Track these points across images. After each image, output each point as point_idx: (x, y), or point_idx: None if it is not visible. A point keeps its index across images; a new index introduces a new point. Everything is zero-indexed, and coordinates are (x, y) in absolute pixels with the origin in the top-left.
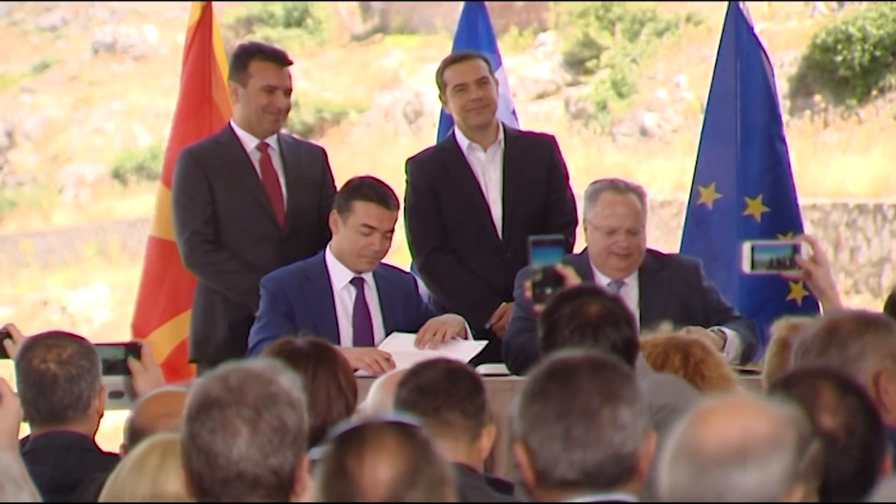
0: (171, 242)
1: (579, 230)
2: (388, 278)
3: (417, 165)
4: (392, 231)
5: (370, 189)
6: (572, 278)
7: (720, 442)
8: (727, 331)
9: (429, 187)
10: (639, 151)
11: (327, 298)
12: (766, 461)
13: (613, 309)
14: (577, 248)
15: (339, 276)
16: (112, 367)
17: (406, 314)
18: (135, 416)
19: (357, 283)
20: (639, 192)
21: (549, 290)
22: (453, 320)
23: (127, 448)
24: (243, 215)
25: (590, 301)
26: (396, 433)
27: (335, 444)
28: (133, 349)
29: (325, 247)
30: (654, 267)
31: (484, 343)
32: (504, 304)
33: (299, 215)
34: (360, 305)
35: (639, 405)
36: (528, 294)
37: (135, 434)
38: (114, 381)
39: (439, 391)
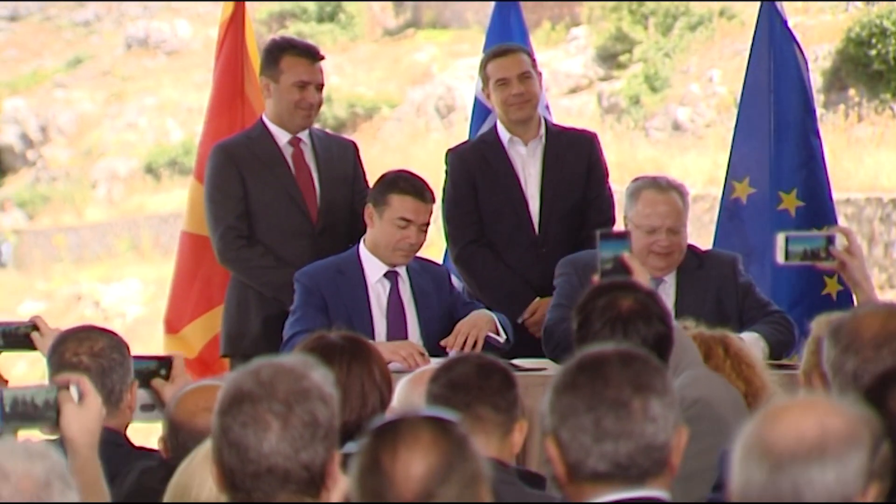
0: (203, 237)
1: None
2: (421, 271)
3: (457, 157)
4: (427, 224)
5: (406, 182)
6: (639, 271)
7: (796, 438)
8: (745, 336)
9: (468, 179)
10: (671, 146)
11: (361, 292)
12: (844, 458)
13: (647, 304)
14: None
15: (373, 269)
16: (144, 381)
17: (440, 306)
18: (173, 410)
19: (391, 276)
20: (681, 191)
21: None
22: (482, 319)
23: (166, 442)
24: (276, 210)
25: (623, 295)
26: (431, 428)
27: (370, 438)
28: (165, 362)
29: (359, 241)
30: (692, 265)
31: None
32: (538, 299)
33: (332, 210)
34: (395, 299)
35: (669, 398)
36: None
37: (174, 428)
38: (143, 395)
39: (471, 386)
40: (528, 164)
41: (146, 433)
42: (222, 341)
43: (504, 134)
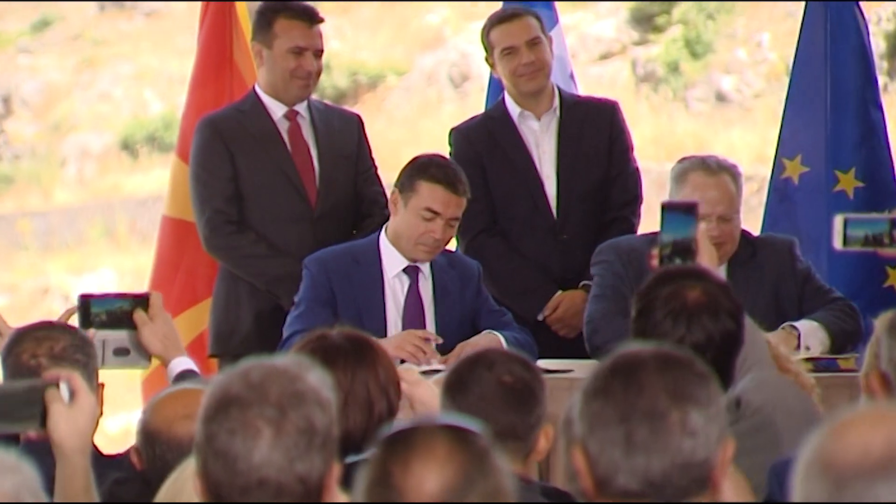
0: (187, 223)
1: (646, 209)
2: (448, 267)
3: (462, 135)
4: (457, 220)
5: (439, 169)
6: (706, 251)
7: (862, 453)
8: (801, 325)
9: (475, 160)
10: (715, 119)
11: (377, 286)
12: None
13: (717, 297)
14: (644, 230)
15: (392, 262)
16: (117, 321)
17: (461, 308)
18: (149, 417)
19: (411, 272)
20: (733, 173)
21: (678, 261)
22: (488, 339)
23: (140, 452)
24: (270, 192)
25: (691, 285)
26: (449, 439)
27: (381, 447)
28: (142, 301)
29: (380, 229)
30: (745, 254)
31: None
32: (560, 292)
33: (333, 192)
34: (413, 297)
35: (713, 409)
36: (655, 263)
37: (149, 437)
38: (118, 337)
39: (489, 417)
40: (541, 141)
41: (122, 443)
42: (210, 340)
43: (513, 108)
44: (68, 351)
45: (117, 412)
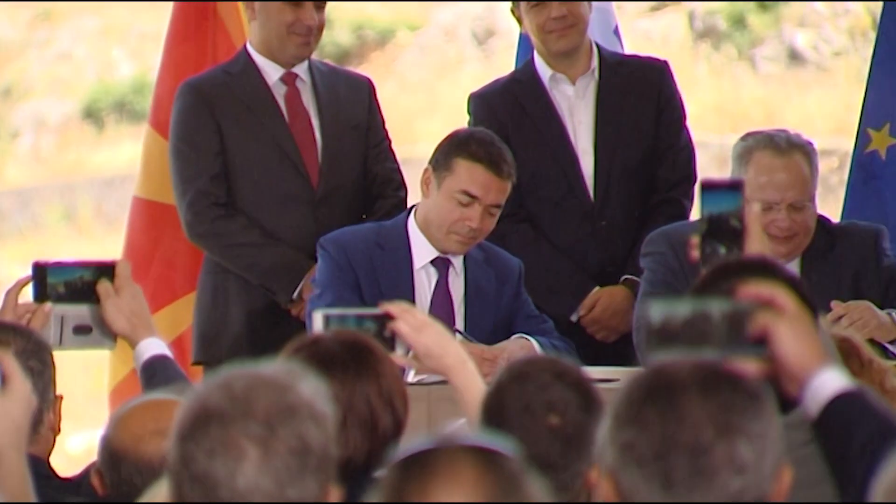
0: (162, 206)
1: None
2: (485, 263)
3: (483, 102)
4: (498, 208)
5: (481, 147)
6: (757, 237)
7: None
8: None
9: (497, 132)
10: (787, 83)
11: (405, 278)
12: None
13: (784, 291)
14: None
15: (421, 251)
16: (78, 293)
17: (496, 311)
18: (113, 432)
19: (440, 265)
20: (806, 151)
21: (721, 249)
22: (518, 344)
23: (102, 474)
24: (264, 170)
25: (756, 281)
26: (475, 462)
27: (395, 471)
28: (107, 270)
29: (409, 209)
30: (821, 245)
31: None
32: (597, 288)
33: (338, 169)
34: (441, 295)
35: (768, 437)
36: (696, 253)
37: (113, 457)
38: (79, 312)
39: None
40: (577, 109)
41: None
42: (194, 345)
43: (544, 70)
44: (21, 357)
45: (80, 429)
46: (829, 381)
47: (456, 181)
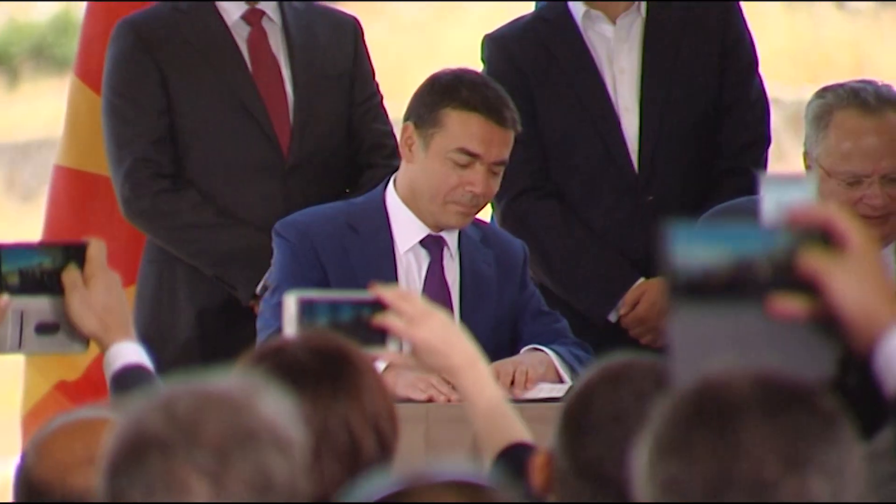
0: (92, 177)
1: (775, 155)
2: (482, 244)
3: (500, 47)
4: (503, 165)
5: (473, 91)
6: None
7: None
8: None
9: (518, 84)
10: (882, 22)
11: (386, 265)
12: None
13: None
14: None
15: (406, 230)
16: (38, 284)
17: (499, 304)
18: (33, 462)
19: (432, 245)
20: None
21: None
22: (535, 359)
23: None
24: (221, 132)
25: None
26: (460, 497)
27: None
28: (75, 253)
29: (386, 180)
30: None
31: (565, 387)
32: (642, 280)
33: (315, 132)
34: (435, 284)
35: (847, 472)
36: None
37: (34, 492)
38: (41, 306)
39: None
40: (618, 55)
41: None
42: None
43: (577, 6)
44: None
45: None
46: None
47: (449, 138)
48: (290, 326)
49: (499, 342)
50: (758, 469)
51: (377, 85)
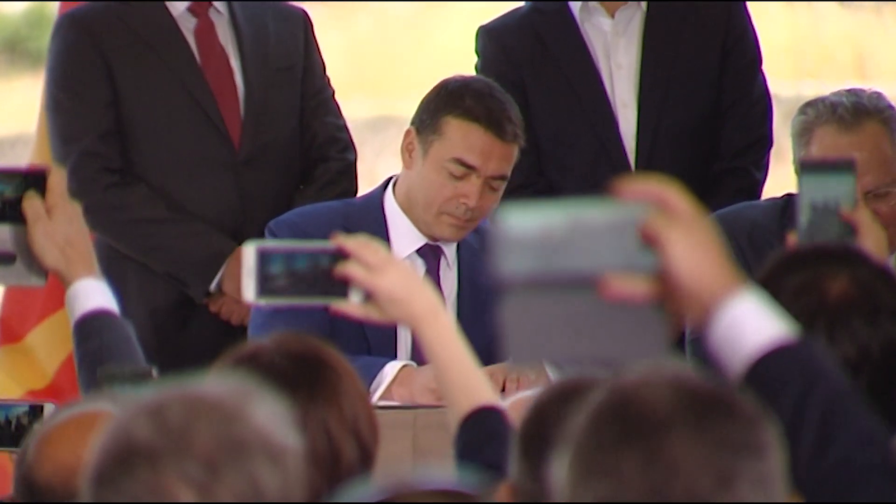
0: None
1: (776, 156)
2: (480, 252)
3: (493, 39)
4: (502, 180)
5: (478, 101)
6: (870, 229)
7: None
8: None
9: (512, 78)
10: (883, 16)
11: None
12: None
13: (872, 289)
14: (777, 190)
15: (403, 237)
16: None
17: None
18: (34, 462)
19: (430, 254)
20: (884, 118)
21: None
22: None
23: None
24: (170, 125)
25: (833, 273)
26: None
27: None
28: (35, 181)
29: (387, 183)
30: None
31: None
32: None
33: (266, 124)
34: None
35: (776, 474)
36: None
37: (36, 493)
38: None
39: None
40: (616, 49)
41: None
42: None
43: None
44: None
45: None
46: (752, 322)
47: (447, 147)
48: (248, 277)
49: (496, 351)
50: (691, 487)
51: (328, 79)
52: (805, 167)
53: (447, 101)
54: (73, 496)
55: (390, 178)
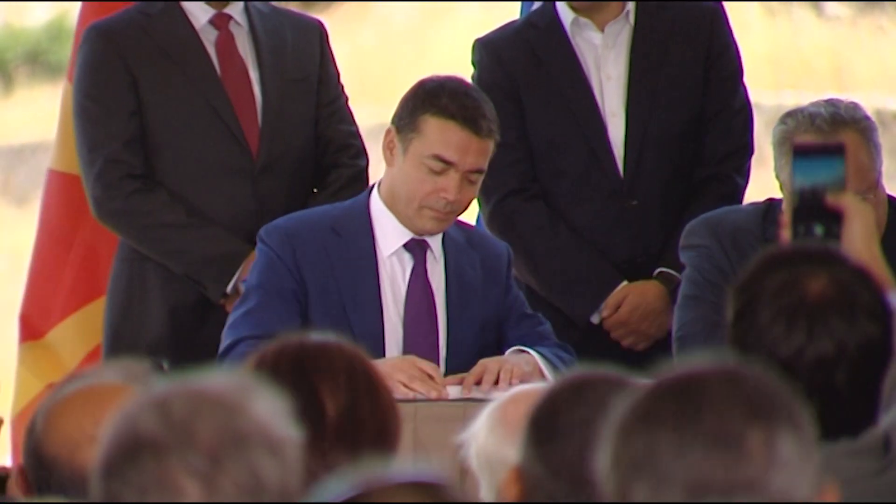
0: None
1: (757, 162)
2: (467, 247)
3: (490, 51)
4: (479, 173)
5: (453, 99)
6: (858, 216)
7: None
8: None
9: (507, 88)
10: (859, 29)
11: (368, 269)
12: None
13: (850, 288)
14: (758, 195)
15: (388, 234)
16: None
17: (483, 308)
18: (42, 434)
19: (415, 249)
20: (860, 128)
21: (818, 229)
22: (521, 359)
23: (28, 480)
24: (191, 133)
25: (813, 271)
26: (420, 498)
27: None
28: None
29: (372, 185)
30: None
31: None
32: (625, 283)
33: (282, 132)
34: (418, 286)
35: (808, 435)
36: (787, 234)
37: (43, 464)
38: None
39: None
40: (605, 62)
41: None
42: (104, 348)
43: (566, 13)
44: None
45: None
46: None
47: (425, 144)
48: None
49: (485, 344)
50: (722, 422)
51: (343, 87)
52: (798, 151)
53: (424, 100)
54: (79, 468)
55: (375, 182)
